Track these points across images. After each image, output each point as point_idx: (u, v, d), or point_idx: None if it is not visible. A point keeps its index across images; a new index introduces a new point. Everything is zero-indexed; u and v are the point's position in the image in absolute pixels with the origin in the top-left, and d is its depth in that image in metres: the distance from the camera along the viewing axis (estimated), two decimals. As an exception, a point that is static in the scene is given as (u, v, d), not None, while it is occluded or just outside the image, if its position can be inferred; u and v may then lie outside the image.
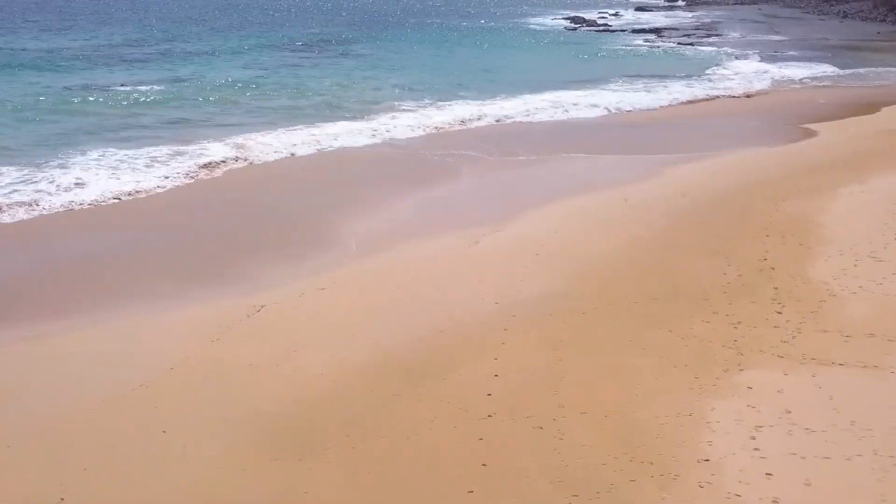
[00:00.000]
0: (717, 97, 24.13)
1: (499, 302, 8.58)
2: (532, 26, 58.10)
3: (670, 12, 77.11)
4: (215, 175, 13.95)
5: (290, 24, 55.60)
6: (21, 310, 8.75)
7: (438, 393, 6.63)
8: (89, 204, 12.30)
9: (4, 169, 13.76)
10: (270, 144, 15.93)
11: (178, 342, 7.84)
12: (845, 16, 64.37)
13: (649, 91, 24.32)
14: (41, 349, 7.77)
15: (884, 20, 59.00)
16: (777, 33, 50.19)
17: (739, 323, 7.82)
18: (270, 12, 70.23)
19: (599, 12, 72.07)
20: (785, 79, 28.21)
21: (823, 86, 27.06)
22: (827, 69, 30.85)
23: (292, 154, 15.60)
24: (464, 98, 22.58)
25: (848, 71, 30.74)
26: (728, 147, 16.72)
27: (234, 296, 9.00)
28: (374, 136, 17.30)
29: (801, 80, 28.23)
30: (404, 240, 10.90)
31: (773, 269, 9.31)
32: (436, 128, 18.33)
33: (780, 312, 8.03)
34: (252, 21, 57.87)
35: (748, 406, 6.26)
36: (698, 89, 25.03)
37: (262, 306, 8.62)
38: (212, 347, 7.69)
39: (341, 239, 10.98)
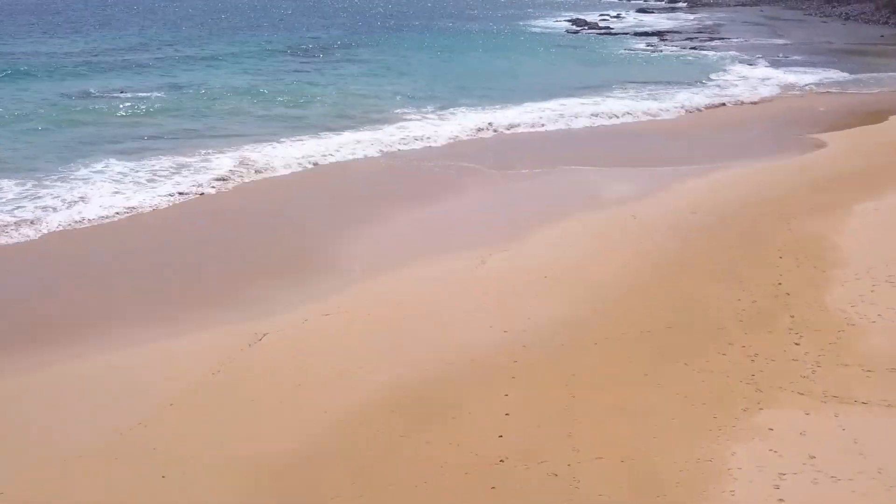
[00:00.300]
0: (724, 104, 23.90)
1: (508, 330, 8.35)
2: (533, 29, 57.90)
3: (672, 14, 76.98)
4: (218, 191, 13.67)
5: (290, 27, 55.36)
6: (16, 338, 8.52)
7: (448, 434, 6.39)
8: (89, 222, 12.04)
9: (4, 184, 13.53)
10: (273, 157, 15.68)
11: (178, 374, 7.61)
12: (847, 18, 64.20)
13: (655, 99, 24.08)
14: (35, 382, 7.53)
15: (886, 23, 58.82)
16: (780, 36, 49.97)
17: (756, 355, 7.58)
18: (270, 16, 70.00)
19: (601, 14, 71.87)
20: (790, 85, 27.98)
21: (830, 92, 26.84)
22: (832, 75, 30.61)
23: (296, 167, 15.32)
24: (467, 106, 22.33)
25: (853, 76, 30.51)
26: (736, 158, 16.49)
27: (235, 321, 8.77)
28: (377, 147, 17.04)
29: (806, 86, 28.00)
30: (409, 260, 10.66)
31: (789, 294, 9.08)
32: (439, 139, 18.07)
33: (797, 344, 7.79)
34: (253, 24, 57.64)
35: (770, 450, 6.02)
36: (704, 96, 24.78)
37: (265, 334, 8.39)
38: (213, 380, 7.46)
39: (345, 259, 10.74)
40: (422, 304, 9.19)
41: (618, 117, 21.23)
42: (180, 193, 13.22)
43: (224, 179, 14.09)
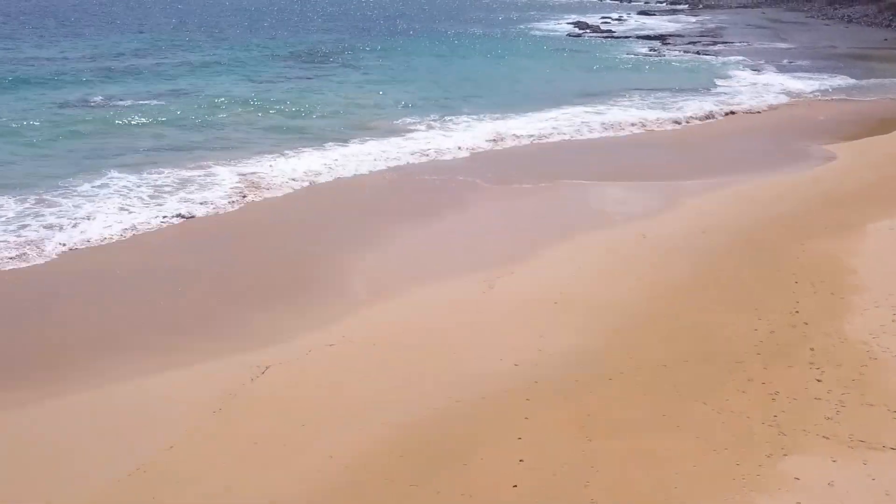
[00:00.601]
0: (730, 113, 23.60)
1: (519, 363, 8.09)
2: (535, 32, 57.60)
3: (673, 16, 76.63)
4: (220, 211, 13.29)
5: (291, 31, 55.06)
6: (9, 369, 8.25)
7: (459, 484, 6.12)
8: (89, 244, 11.70)
9: (4, 201, 13.23)
10: (277, 172, 15.34)
11: (177, 412, 7.35)
12: (850, 20, 63.98)
13: (661, 108, 23.78)
14: (25, 421, 7.26)
15: (889, 25, 58.62)
16: (783, 40, 49.72)
17: (777, 393, 7.32)
18: (271, 19, 69.76)
19: (602, 17, 71.64)
20: (797, 92, 27.72)
21: (836, 99, 26.61)
22: (838, 81, 30.36)
23: (300, 183, 14.93)
24: (471, 115, 22.05)
25: (859, 82, 30.31)
26: (745, 171, 16.24)
27: (237, 352, 8.52)
28: (382, 161, 16.72)
29: (812, 93, 27.77)
30: (415, 283, 10.41)
31: (807, 324, 8.81)
32: (443, 152, 17.77)
33: (819, 380, 7.53)
34: (253, 28, 57.35)
35: (798, 504, 5.76)
36: (710, 104, 24.49)
37: (267, 367, 8.14)
38: (214, 420, 7.19)
39: (348, 282, 10.49)
40: (429, 334, 8.92)
41: (624, 128, 20.96)
42: (182, 216, 12.85)
43: (227, 197, 13.78)
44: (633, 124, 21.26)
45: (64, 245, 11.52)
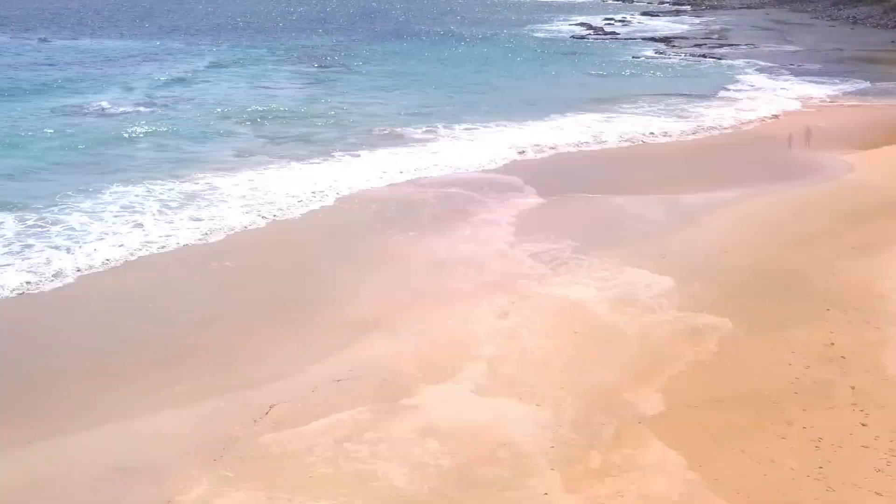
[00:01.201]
0: (743, 120, 23.04)
1: (540, 404, 7.58)
2: (539, 34, 56.98)
3: (677, 17, 76.04)
4: (225, 231, 12.66)
5: (294, 36, 54.45)
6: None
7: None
8: (91, 269, 11.11)
9: (3, 217, 12.74)
10: (283, 187, 14.82)
11: (175, 459, 6.86)
12: (855, 22, 63.51)
13: (671, 115, 23.24)
14: (11, 473, 6.76)
15: (895, 27, 58.13)
16: (789, 42, 49.19)
17: (821, 440, 6.81)
18: (272, 21, 69.23)
19: (605, 18, 71.06)
20: (808, 97, 27.19)
21: (849, 105, 26.08)
22: (848, 86, 29.79)
23: (306, 199, 14.37)
24: (478, 123, 21.49)
25: (869, 86, 29.81)
26: (761, 183, 15.69)
27: (239, 388, 8.07)
28: (388, 173, 16.18)
29: (823, 98, 27.24)
30: (424, 310, 9.92)
31: (844, 357, 8.31)
32: (451, 164, 17.20)
33: (864, 424, 7.03)
34: (255, 29, 56.83)
35: (856, 576, 5.26)
36: (721, 111, 23.96)
37: (271, 407, 7.66)
38: (214, 470, 6.68)
39: (355, 308, 9.98)
40: (440, 368, 8.39)
41: (635, 136, 20.39)
42: (187, 231, 12.33)
43: (232, 216, 13.20)
44: (646, 133, 20.70)
45: (67, 269, 10.96)
